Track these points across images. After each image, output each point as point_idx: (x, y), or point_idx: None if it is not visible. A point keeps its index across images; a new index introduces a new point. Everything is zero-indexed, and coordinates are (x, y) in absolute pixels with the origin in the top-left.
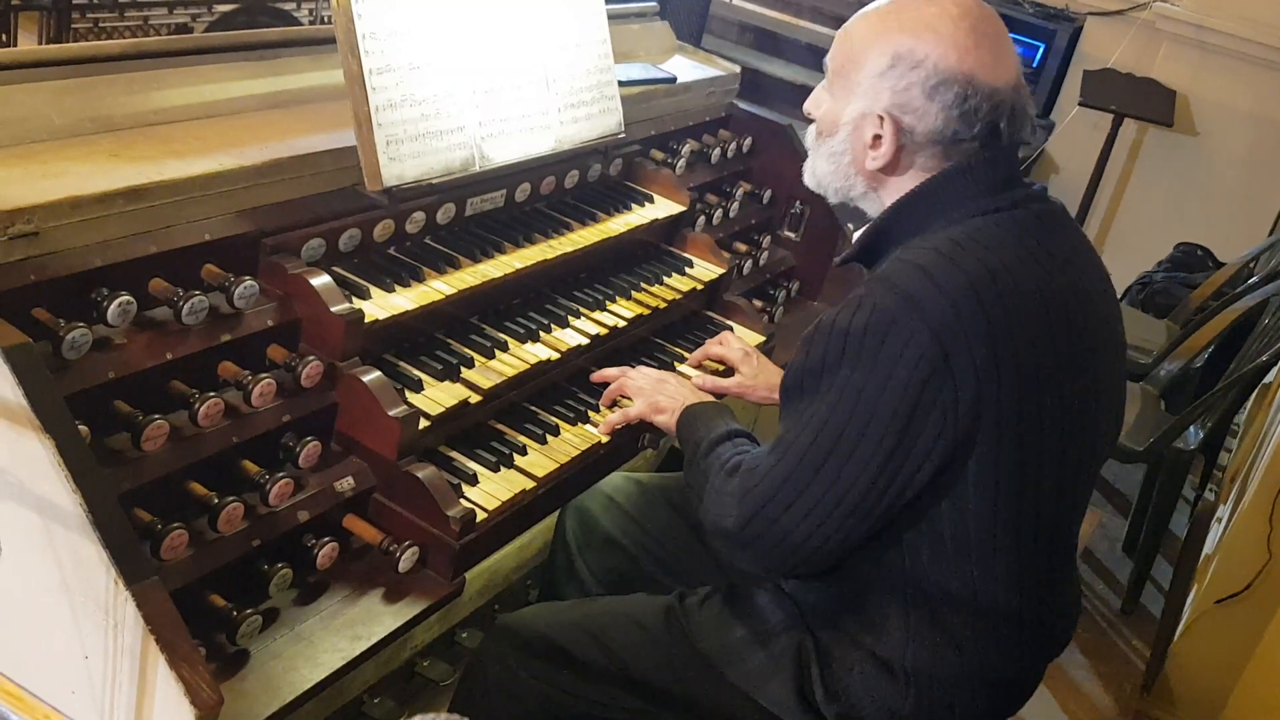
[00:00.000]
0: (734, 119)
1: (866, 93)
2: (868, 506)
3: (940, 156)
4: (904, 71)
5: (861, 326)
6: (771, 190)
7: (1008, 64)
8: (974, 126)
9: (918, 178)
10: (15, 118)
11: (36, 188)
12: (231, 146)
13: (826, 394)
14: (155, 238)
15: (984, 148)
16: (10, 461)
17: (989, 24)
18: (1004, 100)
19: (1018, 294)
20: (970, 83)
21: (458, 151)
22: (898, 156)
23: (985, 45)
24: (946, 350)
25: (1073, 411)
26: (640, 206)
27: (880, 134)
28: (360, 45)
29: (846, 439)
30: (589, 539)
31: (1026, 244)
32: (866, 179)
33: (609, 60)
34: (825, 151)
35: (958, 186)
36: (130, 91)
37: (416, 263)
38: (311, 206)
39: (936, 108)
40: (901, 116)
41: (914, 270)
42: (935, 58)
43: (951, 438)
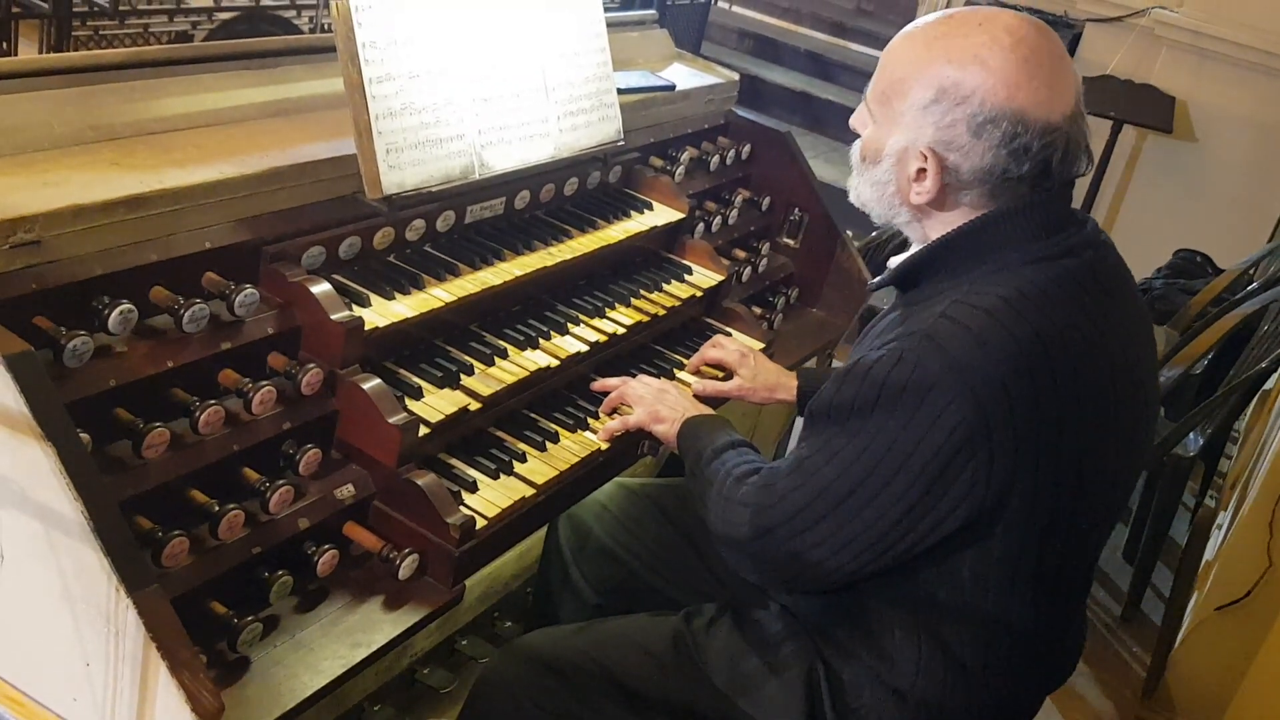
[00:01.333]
0: (733, 126)
1: (910, 125)
2: (883, 548)
3: (988, 195)
4: (949, 107)
5: (900, 383)
6: (770, 197)
7: (1064, 96)
8: (1024, 165)
9: (966, 215)
10: (17, 126)
11: (38, 196)
12: (232, 155)
13: (857, 435)
14: (156, 246)
15: (1034, 188)
16: (12, 469)
17: (1045, 52)
18: (1057, 137)
19: (1068, 365)
20: (1021, 120)
21: (457, 159)
22: (943, 193)
23: (1040, 78)
24: (989, 422)
25: (1108, 474)
26: (639, 214)
27: (925, 169)
28: (360, 54)
29: (871, 484)
30: (583, 548)
31: (1082, 305)
32: (911, 210)
33: (608, 68)
34: (869, 179)
35: (1008, 229)
36: (131, 100)
37: (416, 270)
38: (311, 214)
39: (984, 146)
40: (946, 154)
41: (964, 334)
42: (983, 93)
43: (980, 500)
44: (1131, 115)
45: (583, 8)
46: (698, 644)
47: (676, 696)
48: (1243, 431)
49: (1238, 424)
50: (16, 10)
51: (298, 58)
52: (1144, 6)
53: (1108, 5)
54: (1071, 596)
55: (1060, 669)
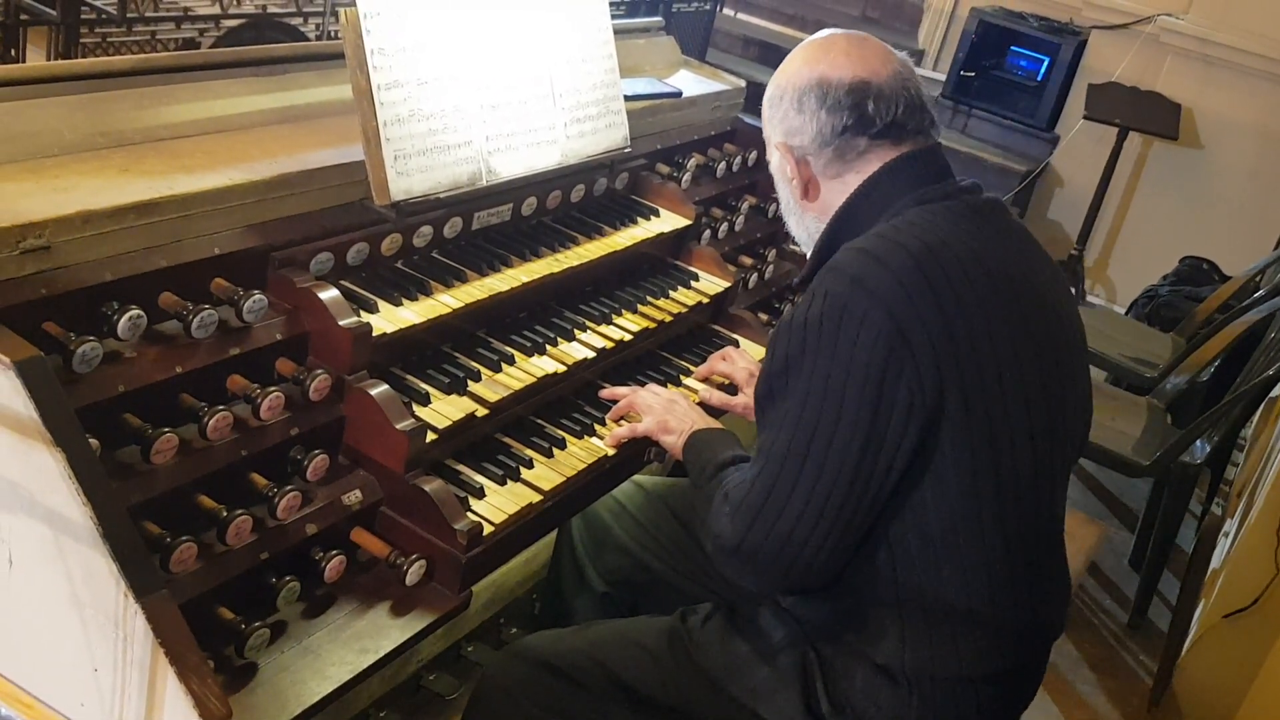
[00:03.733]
0: (739, 133)
1: (770, 138)
2: (855, 497)
3: (841, 160)
4: (778, 103)
5: (817, 316)
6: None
7: (861, 59)
8: (844, 117)
9: (843, 190)
10: (27, 132)
11: (48, 202)
12: (240, 161)
13: (795, 392)
14: (165, 252)
15: (895, 143)
16: (21, 474)
17: (842, 37)
18: (863, 86)
19: (960, 266)
20: (823, 83)
21: (465, 166)
22: (809, 176)
23: (835, 50)
24: (900, 325)
25: (1034, 386)
26: (646, 220)
27: (789, 165)
28: (369, 61)
29: (821, 432)
30: (600, 546)
31: (964, 226)
32: (813, 214)
33: (615, 75)
34: (784, 212)
35: (885, 186)
36: (140, 107)
37: (424, 276)
38: (320, 221)
39: (808, 116)
40: (791, 140)
41: (856, 254)
42: (794, 79)
43: (921, 412)
44: (1137, 122)
45: (590, 15)
46: (692, 637)
47: (673, 689)
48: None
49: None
50: (25, 18)
51: (306, 65)
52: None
53: (1113, 12)
54: (1041, 552)
55: (1048, 628)
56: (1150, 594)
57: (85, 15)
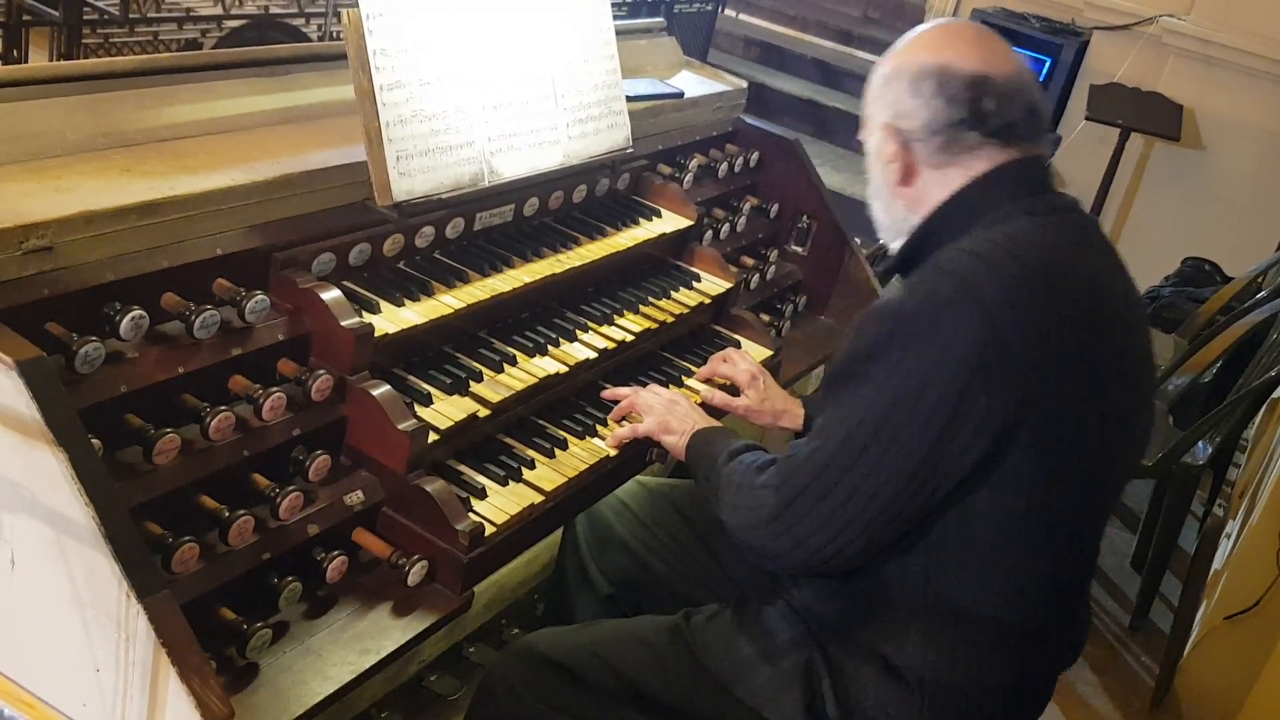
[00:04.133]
0: (741, 134)
1: (874, 117)
2: (908, 495)
3: (948, 151)
4: (892, 82)
5: (914, 308)
6: (779, 204)
7: (991, 58)
8: (961, 110)
9: (945, 185)
10: (30, 133)
11: (50, 202)
12: (243, 162)
13: (875, 378)
14: (167, 252)
15: (988, 139)
16: (24, 474)
17: (971, 28)
18: (984, 81)
19: (1065, 287)
20: (946, 70)
21: (467, 166)
22: (911, 162)
23: (963, 40)
24: (999, 336)
25: (1113, 417)
26: (648, 221)
27: (892, 148)
28: (371, 61)
29: (892, 422)
30: (603, 544)
31: (1070, 245)
32: (904, 202)
33: (617, 76)
34: (871, 194)
35: (992, 190)
36: (143, 107)
37: (425, 277)
38: (322, 221)
39: (922, 101)
40: (899, 123)
41: (969, 257)
42: (912, 61)
43: (997, 426)
44: (1139, 123)
45: (592, 16)
46: (696, 637)
47: (676, 687)
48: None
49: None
50: (27, 18)
51: (308, 65)
52: (1151, 14)
53: (1115, 13)
54: (1079, 573)
55: (1068, 649)
56: (1152, 595)
57: (87, 16)
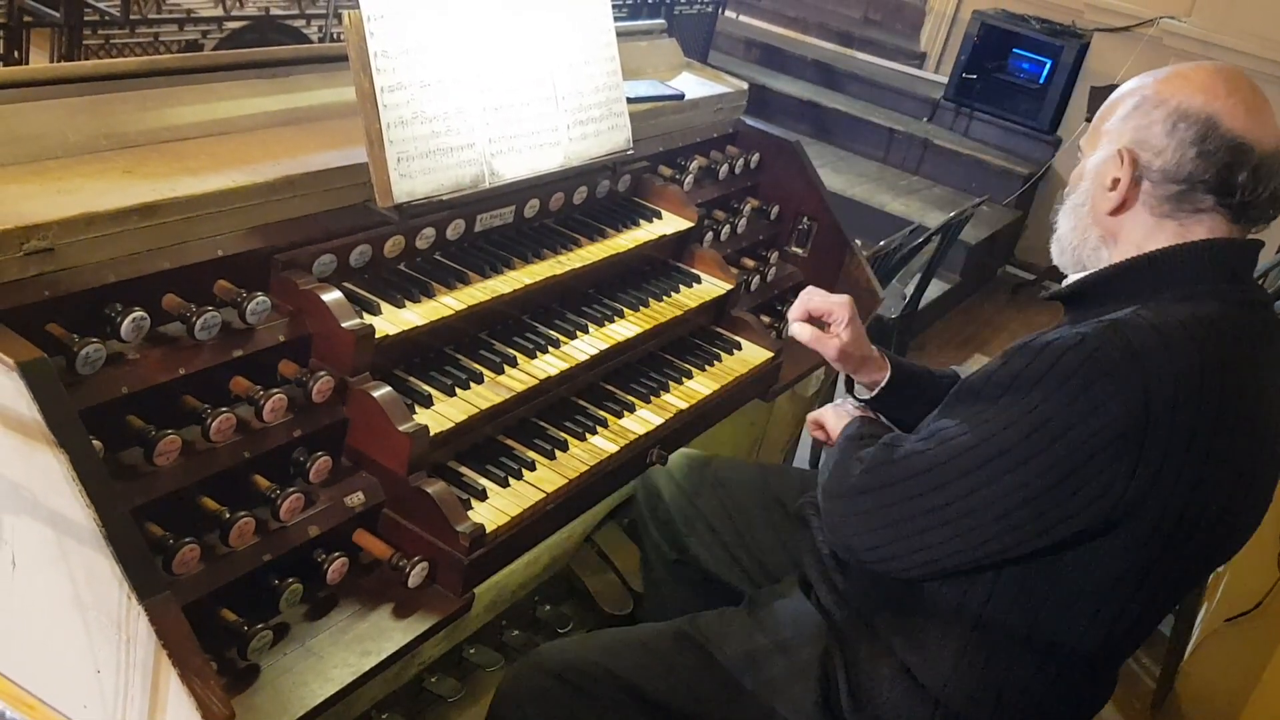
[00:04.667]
0: (741, 135)
1: (1112, 135)
2: (994, 534)
3: (1176, 203)
4: (1148, 110)
5: (1075, 362)
6: (779, 206)
7: (1258, 119)
8: (1209, 170)
9: (1152, 235)
10: (31, 134)
11: (52, 204)
12: (244, 163)
13: (1008, 409)
14: (168, 254)
15: (1219, 209)
16: (25, 476)
17: (1248, 85)
18: (1247, 154)
19: (1238, 397)
20: (1212, 123)
21: (468, 168)
22: (1133, 196)
23: (1237, 97)
24: (1150, 421)
25: (1228, 522)
26: (648, 222)
27: (1119, 176)
28: (373, 63)
29: (1008, 459)
30: (654, 511)
31: (1261, 353)
32: (1100, 230)
33: (618, 77)
34: (1069, 207)
35: (1197, 262)
36: (144, 109)
37: (426, 278)
38: (323, 223)
39: (1175, 143)
40: (1140, 151)
41: (1151, 332)
42: (1181, 97)
43: (1110, 506)
44: None
45: (592, 18)
46: (707, 631)
47: (684, 691)
48: None
49: None
50: (28, 19)
51: (309, 67)
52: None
53: (1116, 15)
54: (1136, 640)
55: (1096, 702)
56: None
57: (88, 17)
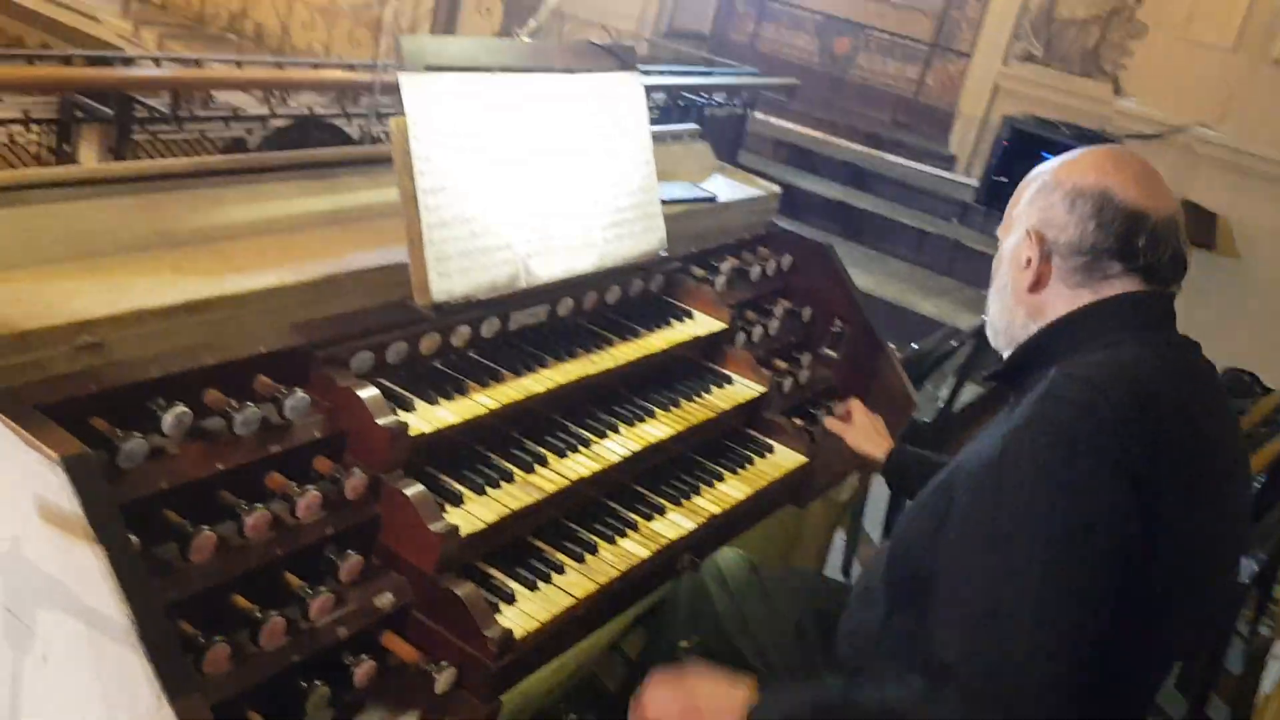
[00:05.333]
0: (774, 237)
1: (1020, 219)
2: (1084, 623)
3: (1087, 277)
4: (1048, 192)
5: (1043, 446)
6: (812, 308)
7: (1151, 195)
8: (1110, 239)
9: (1071, 301)
10: (85, 232)
11: (103, 300)
12: (289, 261)
13: (1027, 529)
14: (212, 349)
15: (1128, 273)
16: (62, 570)
17: (1137, 161)
18: (1141, 219)
19: (1180, 424)
20: (1106, 196)
21: (504, 268)
22: (1046, 272)
23: (1126, 171)
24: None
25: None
26: (680, 322)
27: (1030, 255)
28: (416, 166)
29: (1061, 565)
30: (697, 604)
31: (1186, 386)
32: (1025, 308)
33: (652, 180)
34: (994, 292)
35: (1115, 315)
36: (194, 208)
37: (460, 375)
38: (362, 319)
39: (1076, 218)
40: (1045, 230)
41: (1081, 384)
42: (1076, 177)
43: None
44: None
45: (629, 122)
46: None
47: None
48: None
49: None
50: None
51: (353, 168)
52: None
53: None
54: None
55: None
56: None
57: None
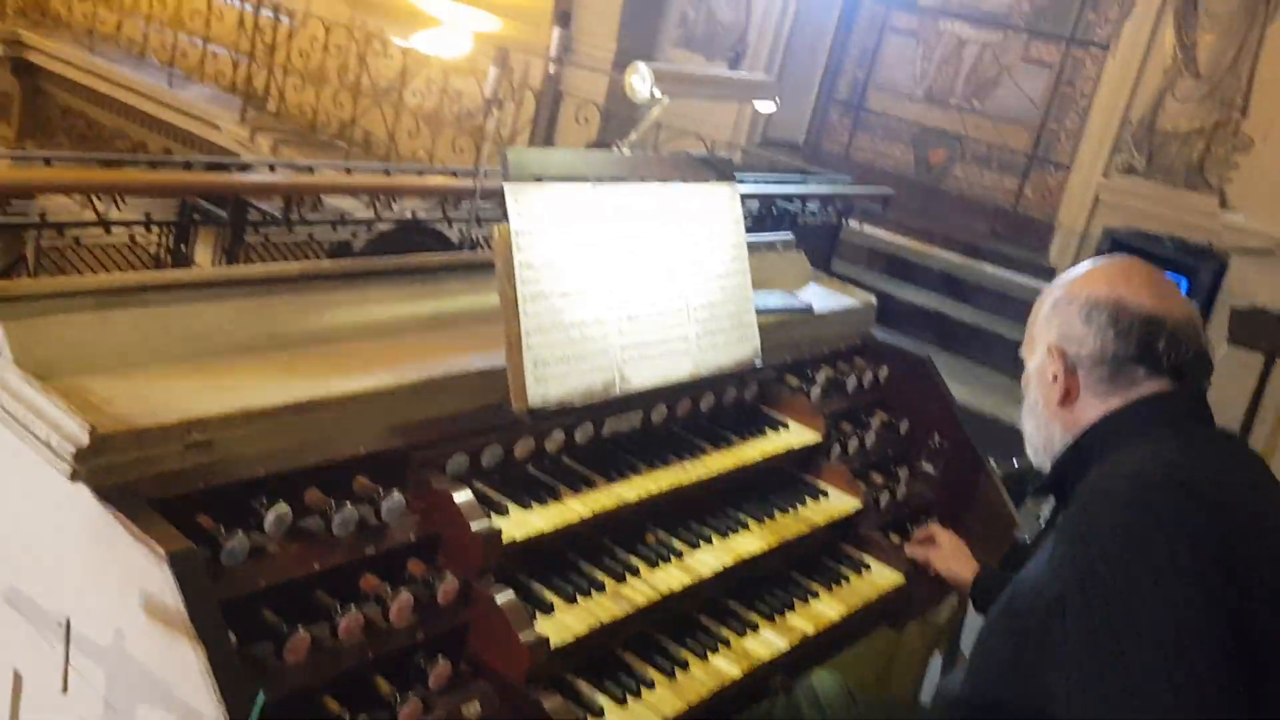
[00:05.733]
0: (870, 347)
1: (1040, 338)
2: None
3: (1114, 385)
4: (1064, 307)
5: (1108, 554)
6: (909, 421)
7: (1165, 300)
8: (1131, 346)
9: (1103, 409)
10: (201, 332)
11: (214, 400)
12: (391, 364)
13: (1127, 647)
14: (315, 449)
15: (1154, 376)
16: (161, 665)
17: (1146, 268)
18: (1159, 325)
19: (1239, 506)
20: (1119, 305)
21: (600, 374)
22: (1074, 385)
23: (1137, 280)
24: (1195, 539)
25: None
26: (775, 432)
27: (1055, 370)
28: (517, 273)
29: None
30: None
31: (1236, 470)
32: (1060, 423)
33: (748, 289)
34: (1026, 411)
35: (1148, 414)
36: (303, 310)
37: (554, 480)
38: (458, 423)
39: (1093, 330)
40: (1067, 346)
41: (1127, 481)
42: (1089, 290)
43: (1232, 625)
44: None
45: (725, 231)
46: None
47: None
48: None
49: None
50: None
51: (455, 274)
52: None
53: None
54: None
55: None
56: None
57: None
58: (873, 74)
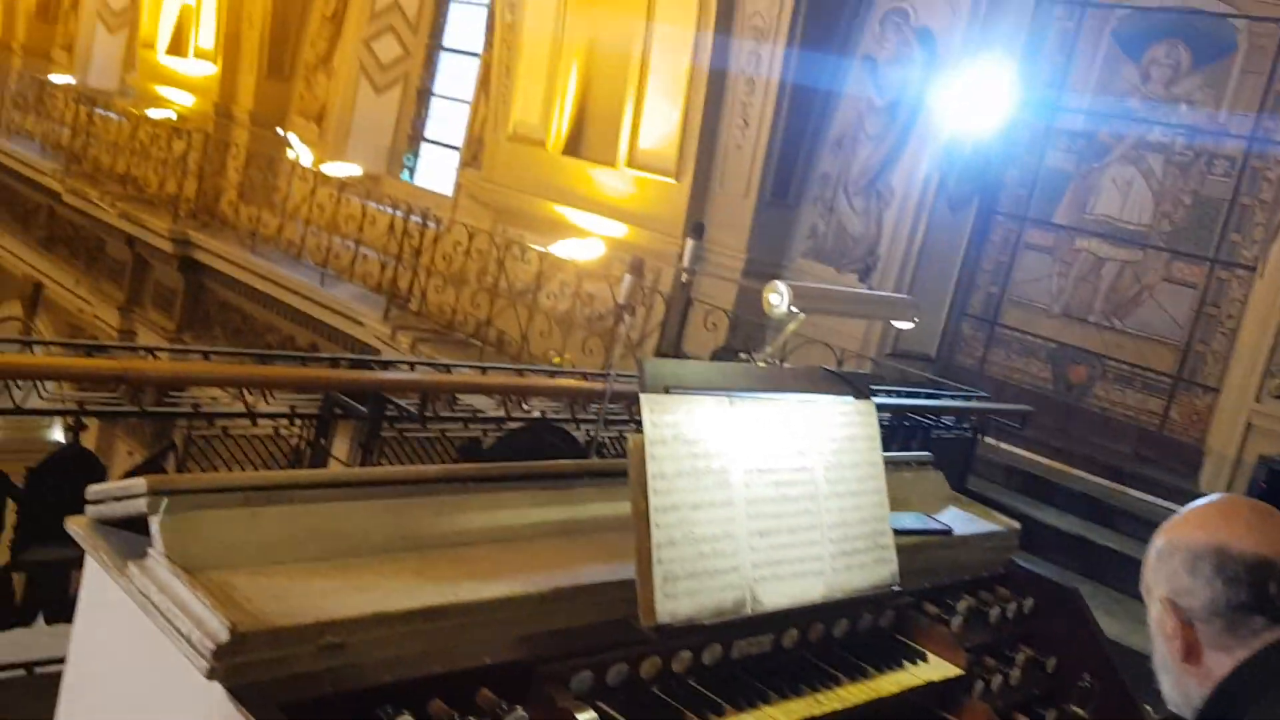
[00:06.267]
0: (1014, 576)
1: (1153, 590)
2: None
3: (1233, 633)
4: (1168, 558)
5: None
6: (1056, 659)
7: (1265, 533)
8: (1242, 592)
9: (1230, 662)
10: (339, 532)
11: (349, 601)
12: (521, 571)
13: None
14: (441, 658)
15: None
16: None
17: (1244, 506)
18: (1267, 567)
19: None
20: (1222, 551)
21: (731, 593)
22: (1194, 640)
23: (1236, 521)
24: None
25: None
26: (913, 664)
27: (1172, 624)
28: (650, 485)
29: None
30: None
31: None
32: (1193, 678)
33: (884, 509)
34: (1158, 668)
35: (1266, 668)
36: (438, 513)
37: (680, 706)
38: (585, 636)
39: (1201, 582)
40: (1178, 599)
41: None
42: (1187, 539)
43: None
44: None
45: (861, 448)
46: None
47: None
48: None
49: None
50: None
51: (587, 481)
52: None
53: None
54: None
55: None
56: None
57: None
58: (1007, 289)
